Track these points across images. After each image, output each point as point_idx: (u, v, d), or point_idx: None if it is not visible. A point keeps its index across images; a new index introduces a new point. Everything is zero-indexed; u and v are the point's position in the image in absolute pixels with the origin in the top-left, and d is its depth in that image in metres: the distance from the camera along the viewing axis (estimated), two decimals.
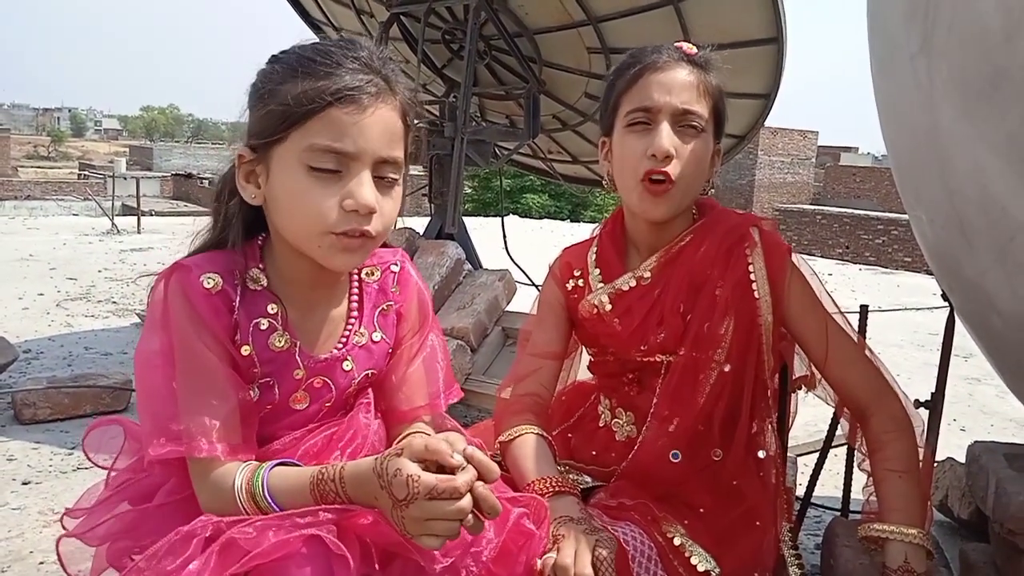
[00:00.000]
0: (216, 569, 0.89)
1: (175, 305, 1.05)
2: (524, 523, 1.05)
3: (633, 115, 1.31)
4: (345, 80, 1.01)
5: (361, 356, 1.19)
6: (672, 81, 1.30)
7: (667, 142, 1.28)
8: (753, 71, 3.53)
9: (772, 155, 27.51)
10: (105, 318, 5.02)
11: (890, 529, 1.22)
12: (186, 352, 1.04)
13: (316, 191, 1.01)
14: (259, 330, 1.10)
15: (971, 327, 1.81)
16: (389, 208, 1.07)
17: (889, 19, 1.59)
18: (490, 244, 4.70)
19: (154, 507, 1.10)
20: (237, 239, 1.11)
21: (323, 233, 1.03)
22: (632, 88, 1.32)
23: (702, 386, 1.31)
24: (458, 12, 3.81)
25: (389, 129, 1.05)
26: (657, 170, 1.28)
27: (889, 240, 17.82)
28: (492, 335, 3.36)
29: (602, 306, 1.39)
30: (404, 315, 1.25)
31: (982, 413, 3.91)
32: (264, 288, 1.12)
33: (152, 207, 20.21)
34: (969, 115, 1.32)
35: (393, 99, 1.06)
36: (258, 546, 0.89)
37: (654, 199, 1.31)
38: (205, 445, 1.01)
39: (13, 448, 2.80)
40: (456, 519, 0.90)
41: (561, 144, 4.73)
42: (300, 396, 1.15)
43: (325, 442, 1.14)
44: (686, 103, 1.29)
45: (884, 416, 1.30)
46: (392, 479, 0.90)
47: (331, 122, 1.00)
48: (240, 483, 1.00)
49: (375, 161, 1.04)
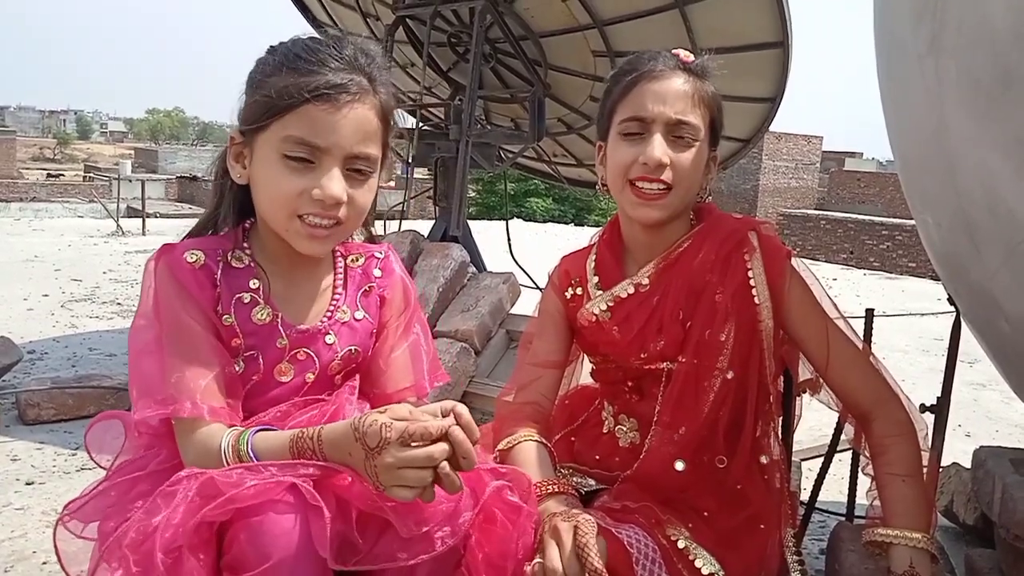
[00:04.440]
0: (194, 507, 0.91)
1: (162, 280, 1.13)
2: (507, 496, 1.06)
3: (627, 124, 1.31)
4: (326, 78, 1.08)
5: (344, 332, 1.23)
6: (667, 91, 1.30)
7: (659, 152, 1.28)
8: (758, 75, 3.53)
9: (777, 160, 27.47)
10: (109, 319, 5.03)
11: (894, 533, 1.21)
12: (172, 322, 1.11)
13: (289, 178, 1.09)
14: (241, 303, 1.16)
15: (978, 331, 1.80)
16: (361, 197, 1.14)
17: (896, 20, 1.58)
18: (494, 247, 4.70)
19: (145, 475, 1.13)
20: (228, 219, 1.20)
21: (290, 216, 1.11)
22: (627, 96, 1.32)
23: (706, 393, 1.30)
24: (464, 15, 3.82)
25: (363, 127, 1.11)
26: (649, 177, 1.29)
27: (894, 245, 17.77)
28: (496, 338, 3.36)
29: (601, 314, 1.39)
30: (387, 299, 1.29)
31: (987, 418, 3.89)
32: (247, 265, 1.19)
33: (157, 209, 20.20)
34: (977, 116, 1.31)
35: (373, 98, 1.13)
36: (237, 487, 0.92)
37: (647, 202, 1.31)
38: (189, 406, 1.06)
39: (17, 448, 2.81)
40: (428, 466, 0.92)
41: (566, 147, 4.74)
42: (284, 368, 1.19)
43: (308, 421, 1.14)
44: (680, 113, 1.29)
45: (886, 420, 1.30)
46: (367, 429, 0.93)
47: (307, 117, 1.07)
48: (226, 445, 1.04)
49: (346, 156, 1.10)
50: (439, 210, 3.92)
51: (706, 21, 3.41)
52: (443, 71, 4.24)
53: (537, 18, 3.73)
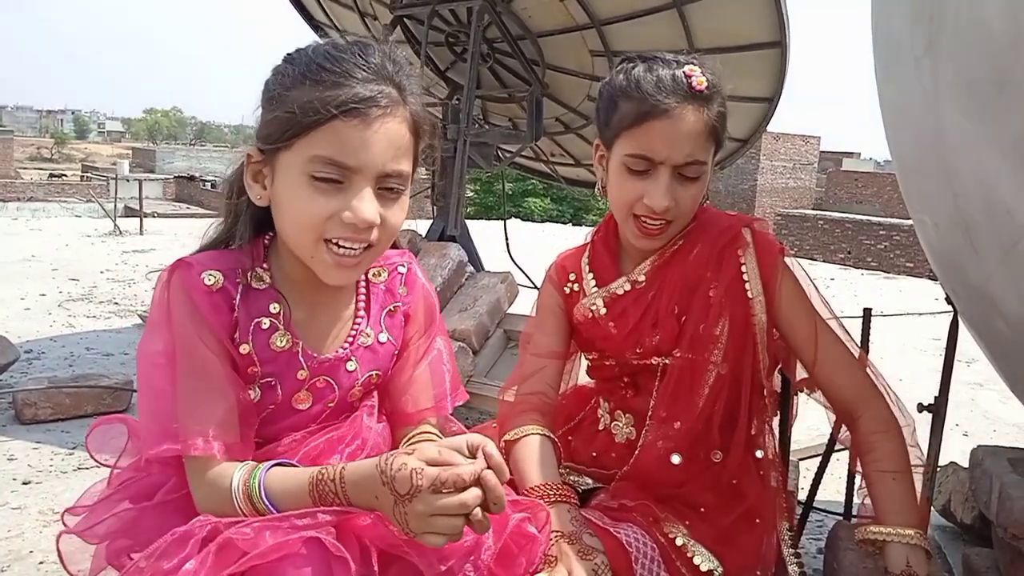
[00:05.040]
0: (213, 569, 0.88)
1: (176, 301, 1.05)
2: (526, 527, 1.04)
3: (634, 160, 1.28)
4: (354, 91, 0.99)
5: (366, 357, 1.18)
6: (677, 133, 1.24)
7: (666, 199, 1.26)
8: (756, 75, 3.53)
9: (774, 160, 27.50)
10: (107, 319, 5.02)
11: (887, 531, 1.21)
12: (186, 349, 1.04)
13: (317, 201, 1.01)
14: (260, 329, 1.09)
15: (975, 331, 1.81)
16: (393, 217, 1.06)
17: (894, 22, 1.59)
18: (492, 247, 4.70)
19: (153, 506, 1.10)
20: (244, 236, 1.11)
21: (317, 242, 1.03)
22: (635, 129, 1.27)
23: (700, 388, 1.31)
24: (461, 15, 3.81)
25: (395, 143, 1.03)
26: (652, 216, 1.29)
27: (891, 245, 17.81)
28: (494, 337, 3.36)
29: (596, 310, 1.40)
30: (411, 316, 1.24)
31: (984, 418, 3.90)
32: (268, 287, 1.11)
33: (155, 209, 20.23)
34: (974, 117, 1.31)
35: (403, 110, 1.04)
36: (256, 547, 0.88)
37: (649, 236, 1.32)
38: (201, 443, 1.00)
39: (14, 448, 2.80)
40: (461, 513, 0.88)
41: (564, 147, 4.73)
42: (303, 396, 1.13)
43: (326, 444, 1.13)
44: (689, 156, 1.26)
45: (872, 418, 1.31)
46: (396, 474, 0.88)
47: (335, 135, 0.99)
48: (237, 484, 0.98)
49: (378, 175, 1.02)
50: (437, 209, 3.92)
51: (704, 21, 3.41)
52: (441, 71, 4.24)
53: (535, 18, 3.73)
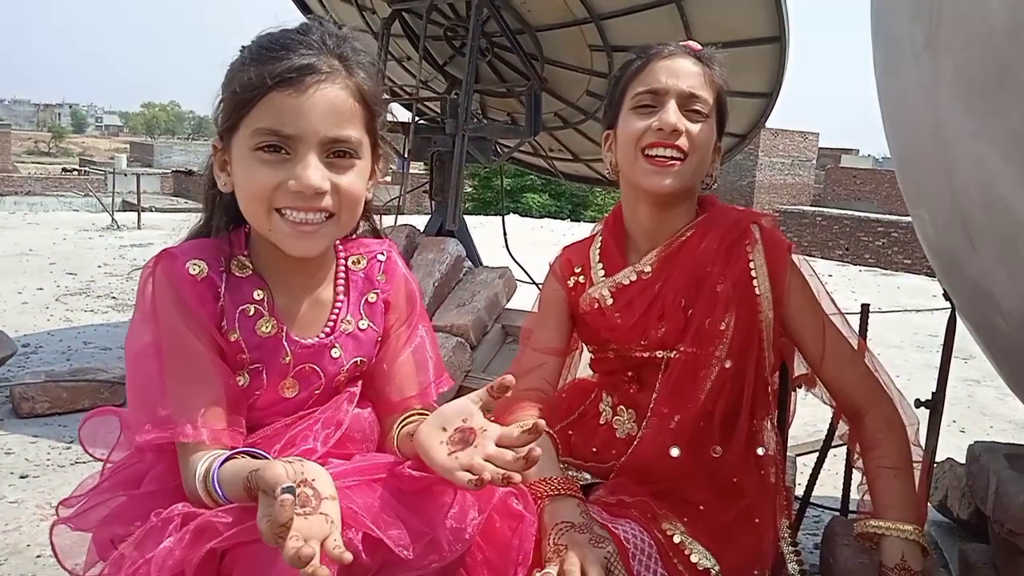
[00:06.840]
0: (188, 548, 0.89)
1: (162, 292, 1.07)
2: (512, 503, 1.05)
3: (640, 97, 1.33)
4: (289, 62, 1.01)
5: (349, 344, 1.19)
6: (679, 68, 1.33)
7: (675, 117, 1.30)
8: (755, 70, 3.53)
9: (773, 156, 27.48)
10: (104, 313, 5.02)
11: (886, 525, 1.22)
12: (173, 339, 1.06)
13: (263, 172, 1.03)
14: (246, 316, 1.11)
15: (973, 327, 1.81)
16: (347, 184, 1.07)
17: (893, 16, 1.58)
18: (491, 242, 4.70)
19: (143, 493, 1.10)
20: (221, 226, 1.14)
21: (268, 213, 1.05)
22: (640, 74, 1.35)
23: (703, 382, 1.31)
24: (460, 9, 3.80)
25: (336, 108, 1.04)
26: (664, 143, 1.30)
27: (889, 242, 17.81)
28: (492, 332, 3.36)
29: (603, 299, 1.39)
30: (391, 304, 1.25)
31: (982, 414, 3.90)
32: (251, 274, 1.13)
33: (152, 203, 20.18)
34: (973, 112, 1.31)
35: (345, 79, 1.05)
36: (232, 528, 0.89)
37: (661, 169, 1.31)
38: (190, 430, 1.02)
39: (11, 442, 2.80)
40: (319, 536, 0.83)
41: (562, 142, 4.73)
42: (289, 383, 1.14)
43: (303, 430, 1.14)
44: (693, 88, 1.32)
45: (878, 416, 1.32)
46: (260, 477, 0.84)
47: (272, 105, 1.01)
48: (200, 472, 0.99)
49: (322, 141, 1.03)
50: (435, 204, 3.91)
51: (703, 15, 3.41)
52: (439, 65, 4.23)
53: (534, 12, 3.72)
